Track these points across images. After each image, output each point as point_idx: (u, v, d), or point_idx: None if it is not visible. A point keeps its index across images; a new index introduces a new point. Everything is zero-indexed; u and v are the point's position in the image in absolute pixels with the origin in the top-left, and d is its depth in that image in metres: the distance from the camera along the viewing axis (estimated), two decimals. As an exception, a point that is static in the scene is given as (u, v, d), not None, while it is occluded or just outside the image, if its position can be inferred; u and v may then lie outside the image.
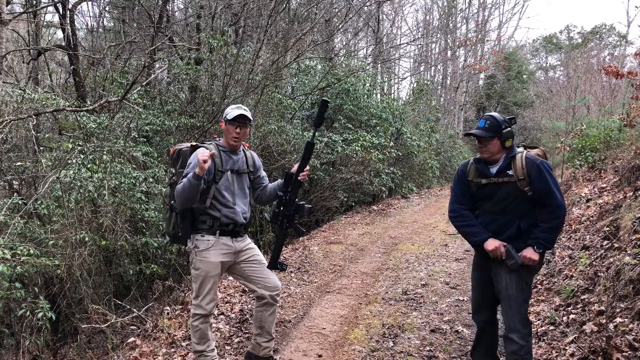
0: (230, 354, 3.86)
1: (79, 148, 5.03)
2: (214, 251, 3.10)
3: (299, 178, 3.11)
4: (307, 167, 3.14)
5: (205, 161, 2.79)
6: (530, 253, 2.79)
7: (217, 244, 3.11)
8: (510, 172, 2.83)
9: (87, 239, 4.56)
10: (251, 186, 3.32)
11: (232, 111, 3.09)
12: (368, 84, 13.52)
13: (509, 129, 2.86)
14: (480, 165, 2.95)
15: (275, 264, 3.22)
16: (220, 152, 3.11)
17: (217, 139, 3.25)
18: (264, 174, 3.41)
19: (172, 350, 3.95)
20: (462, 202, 3.02)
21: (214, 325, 4.46)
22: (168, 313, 4.74)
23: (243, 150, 3.28)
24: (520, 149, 2.91)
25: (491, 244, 2.84)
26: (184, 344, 4.05)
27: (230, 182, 3.13)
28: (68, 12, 7.03)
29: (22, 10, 7.41)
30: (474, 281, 3.16)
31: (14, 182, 5.78)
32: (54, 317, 4.07)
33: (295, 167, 3.14)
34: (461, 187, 3.04)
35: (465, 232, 2.99)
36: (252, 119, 3.14)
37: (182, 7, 11.58)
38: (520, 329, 2.80)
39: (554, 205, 2.74)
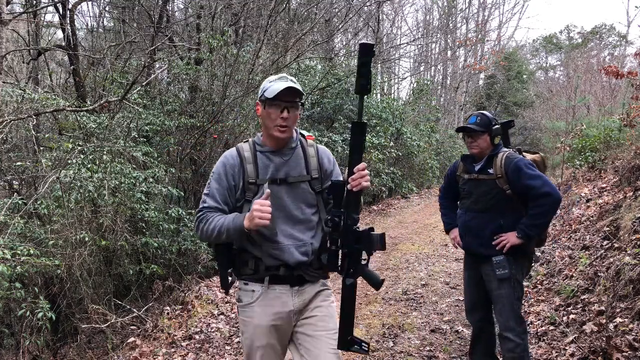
0: (230, 354, 3.86)
1: (79, 148, 5.03)
2: (261, 308, 2.04)
3: (351, 187, 1.90)
4: (363, 165, 1.89)
5: (259, 223, 1.88)
6: (510, 235, 2.81)
7: (266, 297, 2.05)
8: (491, 170, 2.88)
9: (87, 239, 4.56)
10: (321, 202, 2.12)
11: (272, 84, 1.99)
12: (368, 84, 13.50)
13: (498, 126, 2.93)
14: (466, 162, 3.05)
15: (348, 342, 1.97)
16: (255, 153, 2.07)
17: (258, 135, 2.15)
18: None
19: (172, 350, 3.95)
20: (445, 193, 3.34)
21: (213, 325, 4.46)
22: (168, 313, 4.74)
23: (300, 144, 2.13)
24: (505, 149, 2.95)
25: (452, 233, 3.24)
26: (183, 344, 4.05)
27: (271, 199, 1.95)
28: (68, 12, 7.03)
29: (22, 10, 7.41)
30: (466, 280, 3.19)
31: (14, 182, 5.77)
32: (53, 317, 4.07)
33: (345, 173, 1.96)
34: (448, 180, 3.28)
35: (442, 219, 3.37)
36: (303, 93, 2.05)
37: (182, 7, 11.58)
38: (515, 327, 2.81)
39: (537, 194, 2.74)
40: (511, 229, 2.82)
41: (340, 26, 13.05)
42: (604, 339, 3.23)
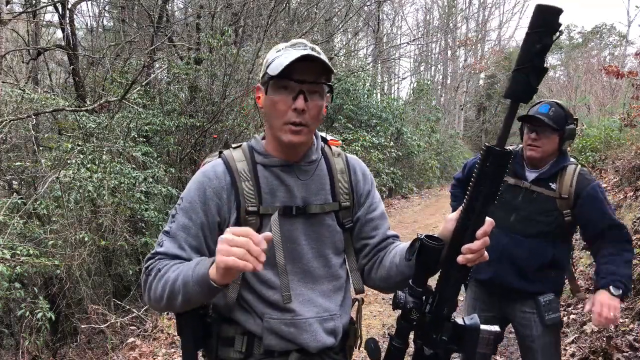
0: (230, 354, 3.86)
1: (79, 148, 5.02)
2: None
3: (465, 260, 1.09)
4: (492, 224, 1.09)
5: (228, 264, 0.99)
6: (605, 298, 2.01)
7: None
8: (553, 186, 2.09)
9: (86, 239, 4.56)
10: (350, 245, 1.40)
11: (279, 55, 1.25)
12: (368, 84, 13.54)
13: (573, 126, 2.11)
14: (515, 159, 2.13)
15: None
16: (255, 167, 1.30)
17: (257, 138, 1.37)
18: (381, 209, 1.43)
19: (172, 350, 3.95)
20: (465, 184, 2.39)
21: (213, 325, 4.45)
22: (168, 313, 4.74)
23: (322, 153, 1.39)
24: (573, 160, 2.17)
25: None
26: (183, 344, 4.05)
27: (280, 241, 1.21)
28: (67, 12, 7.03)
29: (21, 9, 7.41)
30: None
31: (13, 182, 5.77)
32: (53, 318, 4.07)
33: (450, 221, 1.15)
34: (468, 173, 2.38)
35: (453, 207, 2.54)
36: (332, 70, 1.27)
37: (182, 6, 11.58)
38: None
39: (622, 239, 2.10)
40: (560, 265, 2.22)
41: (340, 26, 13.04)
42: (605, 339, 3.23)
